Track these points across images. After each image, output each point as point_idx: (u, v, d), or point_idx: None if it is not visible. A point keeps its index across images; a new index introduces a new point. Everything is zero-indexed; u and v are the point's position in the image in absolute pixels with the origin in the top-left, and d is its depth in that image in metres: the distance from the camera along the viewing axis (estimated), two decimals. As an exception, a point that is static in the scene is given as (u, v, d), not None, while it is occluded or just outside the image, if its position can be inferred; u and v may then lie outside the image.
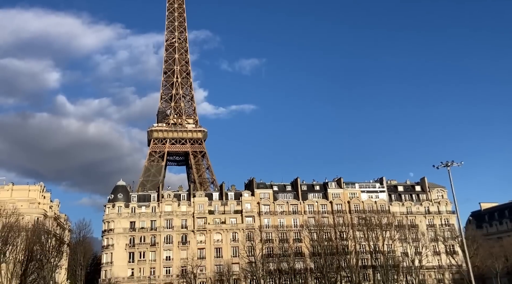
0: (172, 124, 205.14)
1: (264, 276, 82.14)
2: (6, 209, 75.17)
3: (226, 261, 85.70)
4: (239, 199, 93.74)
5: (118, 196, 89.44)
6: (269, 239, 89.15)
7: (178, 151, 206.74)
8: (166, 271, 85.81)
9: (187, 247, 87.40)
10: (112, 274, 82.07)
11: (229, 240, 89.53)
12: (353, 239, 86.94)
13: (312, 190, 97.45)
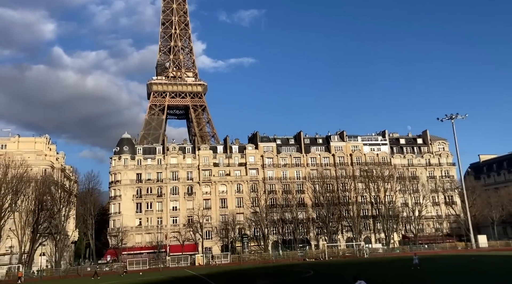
0: (171, 78, 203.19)
1: (267, 225, 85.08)
2: (14, 160, 76.18)
3: (231, 211, 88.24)
4: (243, 152, 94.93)
5: (123, 148, 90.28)
6: (273, 191, 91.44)
7: (178, 104, 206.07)
8: (173, 220, 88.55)
9: (193, 198, 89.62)
10: (121, 223, 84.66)
11: (234, 191, 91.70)
12: (355, 190, 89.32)
13: (315, 143, 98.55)
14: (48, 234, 78.41)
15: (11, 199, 71.65)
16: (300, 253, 72.50)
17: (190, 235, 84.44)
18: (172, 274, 47.38)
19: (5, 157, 77.17)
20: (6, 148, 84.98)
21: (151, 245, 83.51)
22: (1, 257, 75.61)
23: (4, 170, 72.67)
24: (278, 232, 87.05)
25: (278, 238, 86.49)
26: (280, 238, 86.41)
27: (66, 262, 79.53)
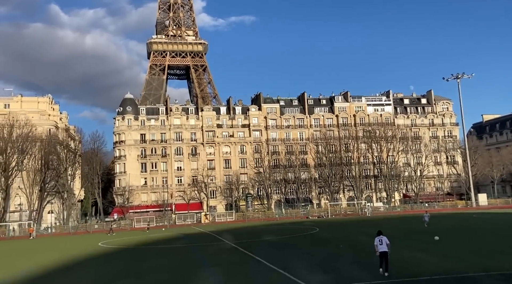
0: (171, 36, 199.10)
1: (271, 185, 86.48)
2: (19, 120, 76.28)
3: (234, 171, 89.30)
4: (246, 113, 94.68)
5: (127, 108, 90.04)
6: (276, 152, 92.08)
7: (178, 64, 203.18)
8: (178, 180, 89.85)
9: (197, 159, 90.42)
10: (126, 183, 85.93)
11: (237, 152, 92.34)
12: (357, 151, 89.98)
13: (319, 104, 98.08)
14: (55, 193, 79.97)
15: (17, 158, 72.46)
16: (302, 211, 74.14)
17: (195, 194, 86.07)
18: (181, 231, 48.73)
19: (9, 116, 77.20)
20: (9, 108, 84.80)
21: (157, 204, 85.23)
22: (11, 214, 77.31)
23: (9, 130, 73.00)
24: (281, 192, 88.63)
25: (281, 197, 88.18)
26: (283, 197, 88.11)
27: (73, 219, 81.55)
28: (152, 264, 21.30)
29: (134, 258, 24.41)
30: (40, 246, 37.94)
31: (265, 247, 26.03)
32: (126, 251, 29.10)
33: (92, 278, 18.01)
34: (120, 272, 19.09)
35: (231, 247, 27.14)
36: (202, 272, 18.22)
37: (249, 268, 18.53)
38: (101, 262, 24.17)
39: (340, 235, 32.28)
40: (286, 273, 16.51)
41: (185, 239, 35.23)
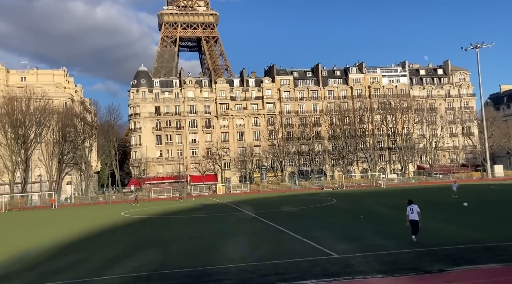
0: (182, 7, 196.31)
1: (284, 157, 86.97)
2: (35, 93, 77.16)
3: (248, 144, 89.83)
4: (260, 85, 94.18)
5: (141, 81, 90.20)
6: (290, 124, 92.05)
7: (190, 36, 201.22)
8: (193, 152, 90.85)
9: (211, 131, 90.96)
10: (142, 155, 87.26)
11: (251, 124, 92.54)
12: (372, 122, 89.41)
13: (333, 76, 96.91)
14: (73, 164, 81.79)
15: (35, 130, 73.84)
16: (317, 183, 74.78)
17: (209, 166, 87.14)
18: (198, 201, 49.71)
19: (26, 89, 78.11)
20: (26, 80, 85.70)
21: (172, 175, 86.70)
22: (32, 185, 79.50)
23: (26, 102, 74.04)
24: (294, 164, 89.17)
25: (294, 169, 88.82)
26: (296, 169, 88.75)
27: (91, 190, 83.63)
28: (179, 233, 21.97)
29: (160, 227, 25.19)
30: (64, 215, 39.25)
31: (285, 217, 26.53)
32: (149, 221, 29.99)
33: (122, 246, 18.70)
34: (149, 241, 19.76)
35: (251, 217, 27.73)
36: (228, 240, 18.76)
37: (274, 237, 18.99)
38: (128, 230, 24.99)
39: (358, 206, 32.63)
40: (311, 242, 16.90)
41: (205, 209, 36.04)
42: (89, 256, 16.66)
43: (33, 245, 19.99)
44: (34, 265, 15.43)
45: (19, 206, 60.86)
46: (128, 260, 15.41)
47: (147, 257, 15.82)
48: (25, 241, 21.89)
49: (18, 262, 16.13)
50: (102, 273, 13.48)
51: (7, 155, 71.82)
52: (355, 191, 59.23)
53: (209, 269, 13.30)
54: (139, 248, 17.90)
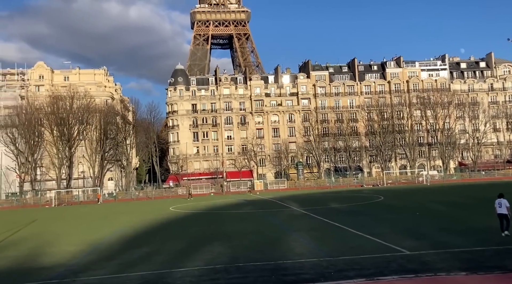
0: (214, 5, 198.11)
1: (320, 154, 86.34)
2: (78, 91, 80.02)
3: (283, 140, 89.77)
4: (295, 81, 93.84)
5: (178, 79, 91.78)
6: (325, 120, 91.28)
7: (222, 33, 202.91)
8: (228, 149, 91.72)
9: (246, 128, 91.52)
10: (180, 151, 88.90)
11: (286, 121, 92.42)
12: (410, 117, 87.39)
13: (370, 70, 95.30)
14: (114, 161, 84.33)
15: (78, 128, 76.62)
16: (355, 180, 73.89)
17: (245, 163, 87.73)
18: (238, 197, 50.20)
19: (69, 88, 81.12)
20: (69, 80, 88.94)
21: (209, 171, 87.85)
22: (75, 181, 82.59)
23: (70, 101, 76.88)
24: (330, 160, 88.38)
25: (330, 165, 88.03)
26: (332, 166, 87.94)
27: (131, 186, 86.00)
28: (236, 227, 22.32)
29: (215, 222, 25.67)
30: (114, 210, 40.63)
31: (337, 214, 26.43)
32: (202, 215, 30.58)
33: (186, 239, 19.16)
34: (211, 235, 20.19)
35: (301, 213, 27.78)
36: (289, 236, 18.90)
37: (335, 233, 19.01)
38: (185, 224, 25.59)
39: (409, 203, 32.06)
40: (375, 238, 16.79)
41: (251, 205, 36.39)
42: (158, 248, 17.23)
43: (100, 237, 20.83)
44: (110, 256, 16.11)
45: (66, 201, 63.39)
46: (199, 253, 15.84)
47: (215, 250, 16.20)
48: (90, 233, 22.84)
49: (93, 253, 16.88)
50: (179, 264, 13.94)
51: (53, 152, 75.00)
52: (397, 187, 58.14)
53: (283, 263, 13.50)
54: (203, 241, 18.34)
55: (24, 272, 14.20)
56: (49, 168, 78.62)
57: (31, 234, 24.01)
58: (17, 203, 62.93)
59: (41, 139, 75.62)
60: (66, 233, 24.00)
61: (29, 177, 74.49)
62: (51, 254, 17.02)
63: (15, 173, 77.96)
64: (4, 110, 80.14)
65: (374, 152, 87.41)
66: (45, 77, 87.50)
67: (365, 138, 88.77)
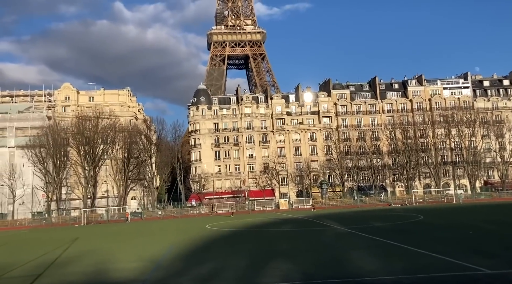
0: (230, 27, 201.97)
1: (342, 173, 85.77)
2: (103, 112, 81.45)
3: (305, 158, 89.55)
4: (316, 100, 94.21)
5: (200, 99, 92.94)
6: (347, 138, 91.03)
7: (238, 54, 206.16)
8: (250, 167, 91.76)
9: (268, 146, 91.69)
10: (202, 170, 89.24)
11: (307, 139, 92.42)
12: (434, 136, 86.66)
13: (391, 89, 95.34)
14: (137, 180, 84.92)
15: (103, 148, 77.64)
16: (381, 199, 73.01)
17: (266, 181, 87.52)
18: (267, 216, 49.91)
19: (95, 108, 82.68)
20: (94, 100, 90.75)
21: (231, 190, 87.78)
22: (99, 199, 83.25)
23: (95, 121, 78.21)
24: (353, 179, 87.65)
25: (353, 184, 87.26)
26: (355, 185, 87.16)
27: (153, 205, 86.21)
28: (288, 245, 22.16)
29: (263, 240, 25.52)
30: (150, 228, 40.69)
31: (386, 232, 26.07)
32: (243, 234, 30.43)
33: (245, 256, 19.03)
34: (269, 252, 20.07)
35: (347, 232, 27.48)
36: (350, 254, 18.65)
37: (396, 251, 18.72)
38: (233, 242, 25.47)
39: (452, 222, 31.52)
40: (442, 256, 16.47)
41: (289, 224, 36.13)
42: (222, 265, 17.17)
43: (156, 254, 20.84)
44: (179, 272, 16.07)
45: (93, 220, 63.76)
46: (267, 269, 15.73)
47: (282, 267, 16.09)
48: (143, 250, 22.87)
49: (160, 269, 16.87)
50: (255, 280, 13.89)
51: (78, 171, 75.98)
52: (428, 207, 57.16)
53: (362, 280, 13.36)
54: (264, 258, 18.23)
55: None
56: (73, 187, 79.53)
57: (83, 251, 24.17)
58: (46, 222, 63.51)
59: (66, 158, 76.77)
60: (118, 250, 24.09)
61: (55, 196, 75.32)
62: (118, 270, 17.11)
63: (41, 192, 79.06)
64: (32, 131, 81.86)
65: (398, 171, 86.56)
66: (71, 98, 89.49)
67: (387, 157, 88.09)
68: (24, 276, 16.68)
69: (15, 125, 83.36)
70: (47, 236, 37.44)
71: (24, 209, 79.08)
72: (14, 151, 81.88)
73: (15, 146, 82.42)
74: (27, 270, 18.16)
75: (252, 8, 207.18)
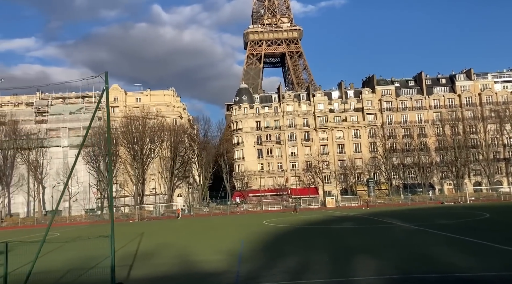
0: (267, 25, 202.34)
1: (387, 170, 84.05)
2: (150, 112, 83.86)
3: (349, 156, 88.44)
4: (359, 96, 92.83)
5: (242, 98, 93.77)
6: (392, 135, 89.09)
7: (274, 52, 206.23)
8: (292, 165, 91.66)
9: (310, 144, 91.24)
10: (245, 168, 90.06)
11: (351, 136, 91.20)
12: (484, 132, 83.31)
13: (438, 84, 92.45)
14: (183, 178, 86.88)
15: (151, 147, 79.96)
16: (431, 197, 71.02)
17: (309, 179, 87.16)
18: (323, 214, 49.72)
19: (142, 108, 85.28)
20: (141, 101, 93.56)
21: (274, 188, 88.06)
22: (147, 197, 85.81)
23: (143, 121, 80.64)
24: (399, 177, 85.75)
25: (399, 182, 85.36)
26: (401, 183, 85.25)
27: (198, 202, 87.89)
28: (361, 242, 22.03)
29: (331, 236, 25.51)
30: (206, 224, 41.56)
31: (456, 229, 25.41)
32: (308, 230, 30.51)
33: (322, 251, 19.01)
34: (345, 247, 20.08)
35: (415, 229, 26.97)
36: (431, 250, 18.31)
37: (480, 248, 18.25)
38: (302, 237, 25.57)
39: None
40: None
41: (348, 221, 35.86)
42: (306, 258, 17.33)
43: (233, 248, 21.27)
44: (267, 264, 16.33)
45: (145, 216, 65.78)
46: (355, 263, 15.76)
47: (370, 262, 16.06)
48: (217, 244, 23.42)
49: (247, 261, 17.17)
50: (350, 274, 13.95)
51: (127, 170, 78.68)
52: (485, 204, 55.07)
53: (464, 276, 13.15)
54: (345, 253, 18.26)
55: (198, 277, 14.78)
56: (123, 185, 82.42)
57: (157, 244, 25.05)
58: (100, 218, 66.16)
59: (116, 157, 79.61)
60: (190, 244, 24.78)
61: (106, 194, 78.28)
62: (205, 262, 17.61)
63: (93, 190, 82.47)
64: (83, 131, 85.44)
65: (446, 168, 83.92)
66: (119, 99, 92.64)
67: (435, 153, 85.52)
68: (116, 266, 17.51)
69: (68, 126, 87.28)
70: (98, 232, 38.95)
71: (77, 206, 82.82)
72: (68, 150, 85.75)
73: (68, 145, 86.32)
74: (116, 261, 19.04)
75: (289, 6, 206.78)
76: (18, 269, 15.75)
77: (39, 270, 15.12)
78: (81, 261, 19.10)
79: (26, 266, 12.64)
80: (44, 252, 17.07)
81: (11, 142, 79.58)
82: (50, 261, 18.95)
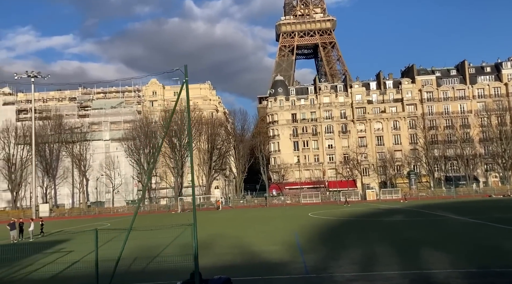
0: (299, 16, 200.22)
1: (429, 162, 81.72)
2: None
3: (388, 148, 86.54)
4: (398, 87, 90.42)
5: (278, 90, 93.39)
6: (433, 126, 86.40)
7: (307, 43, 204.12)
8: (329, 158, 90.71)
9: (348, 136, 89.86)
10: (281, 161, 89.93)
11: (390, 128, 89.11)
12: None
13: (482, 73, 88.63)
14: (220, 170, 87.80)
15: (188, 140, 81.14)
16: (476, 189, 68.57)
17: (347, 172, 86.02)
18: (367, 207, 49.01)
19: (180, 102, 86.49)
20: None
21: (310, 181, 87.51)
22: (185, 189, 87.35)
23: (181, 114, 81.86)
24: (440, 169, 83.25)
25: (441, 174, 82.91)
26: (442, 175, 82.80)
27: (234, 194, 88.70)
28: (419, 235, 21.51)
29: (385, 229, 25.09)
30: (250, 215, 41.86)
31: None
32: (357, 222, 30.14)
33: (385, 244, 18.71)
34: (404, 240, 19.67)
35: (473, 222, 26.05)
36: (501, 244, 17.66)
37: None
38: (357, 230, 25.24)
39: None
40: None
41: (397, 214, 35.14)
42: (371, 251, 17.03)
43: (289, 240, 21.28)
44: (331, 256, 16.16)
45: (185, 208, 67.05)
46: (423, 256, 15.37)
47: (438, 255, 15.61)
48: (271, 235, 23.50)
49: (309, 252, 17.10)
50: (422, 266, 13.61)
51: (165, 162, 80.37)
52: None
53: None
54: (408, 246, 17.90)
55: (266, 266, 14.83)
56: (162, 177, 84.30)
57: (211, 235, 25.37)
58: (144, 209, 67.95)
59: (155, 150, 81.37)
60: (244, 234, 24.99)
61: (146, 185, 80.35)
62: (266, 252, 17.69)
63: (133, 182, 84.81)
64: (124, 125, 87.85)
65: (491, 160, 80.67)
66: (157, 93, 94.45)
67: (479, 145, 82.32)
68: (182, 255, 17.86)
69: (109, 120, 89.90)
70: (159, 222, 39.99)
71: (119, 197, 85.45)
72: (110, 143, 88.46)
73: (110, 139, 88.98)
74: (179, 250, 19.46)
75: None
76: (87, 256, 16.39)
77: (111, 257, 15.61)
78: (143, 250, 19.61)
79: (91, 254, 12.86)
80: (104, 241, 17.63)
81: (56, 136, 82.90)
82: (117, 250, 19.53)
